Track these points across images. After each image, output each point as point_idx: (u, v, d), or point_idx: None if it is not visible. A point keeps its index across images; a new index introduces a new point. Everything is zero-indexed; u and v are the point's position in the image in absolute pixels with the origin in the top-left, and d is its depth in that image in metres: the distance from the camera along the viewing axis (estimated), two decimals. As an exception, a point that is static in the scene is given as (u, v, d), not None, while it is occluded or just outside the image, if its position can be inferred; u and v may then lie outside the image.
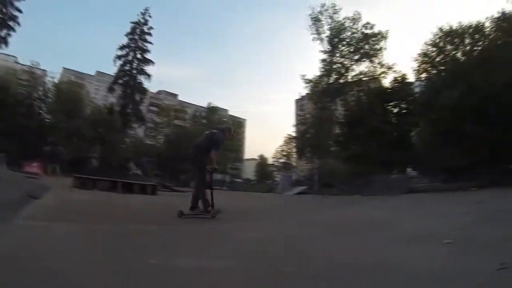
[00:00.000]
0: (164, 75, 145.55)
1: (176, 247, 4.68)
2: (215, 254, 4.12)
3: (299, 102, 42.19)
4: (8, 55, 52.84)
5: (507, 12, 24.53)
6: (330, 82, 35.95)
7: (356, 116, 31.36)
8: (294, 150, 37.71)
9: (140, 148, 55.55)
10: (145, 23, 49.11)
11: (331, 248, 4.79)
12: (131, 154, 51.07)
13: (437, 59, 26.69)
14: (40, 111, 44.13)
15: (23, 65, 46.29)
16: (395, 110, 32.11)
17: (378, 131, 29.06)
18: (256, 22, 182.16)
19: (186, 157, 45.86)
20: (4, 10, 38.33)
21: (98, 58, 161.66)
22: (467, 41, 25.42)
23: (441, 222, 7.12)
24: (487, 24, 24.98)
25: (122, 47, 48.11)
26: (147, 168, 50.51)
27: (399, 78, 32.36)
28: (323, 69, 36.44)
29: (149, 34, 49.24)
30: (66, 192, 14.01)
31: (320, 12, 36.66)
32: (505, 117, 20.18)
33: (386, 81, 34.42)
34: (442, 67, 26.25)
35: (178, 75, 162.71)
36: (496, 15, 24.86)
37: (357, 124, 30.56)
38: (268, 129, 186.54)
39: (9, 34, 38.61)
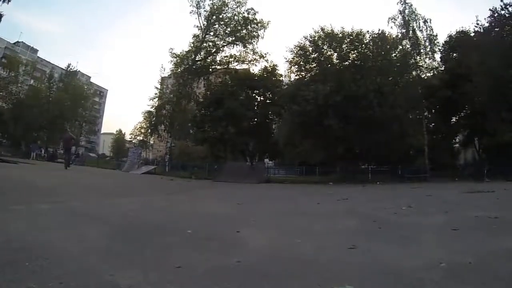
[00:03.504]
0: (26, 27, 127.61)
1: None
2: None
3: (166, 80, 39.31)
4: None
5: (384, 32, 26.95)
6: (197, 59, 33.75)
7: (217, 98, 30.18)
8: (147, 126, 34.68)
9: None
10: None
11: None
12: None
13: (312, 56, 26.82)
14: None
15: None
16: (259, 99, 31.78)
17: (237, 116, 28.20)
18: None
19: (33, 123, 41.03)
20: None
21: None
22: (344, 46, 26.03)
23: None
24: (367, 36, 26.25)
25: None
26: None
27: (269, 68, 31.82)
28: (192, 45, 34.08)
29: None
30: None
31: (206, -15, 34.37)
32: (363, 118, 21.90)
33: (256, 69, 33.59)
34: (315, 64, 26.58)
35: (42, 29, 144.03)
36: (376, 32, 26.59)
37: (217, 106, 29.48)
38: (131, 104, 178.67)
39: None
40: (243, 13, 33.21)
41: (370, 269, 3.19)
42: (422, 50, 27.74)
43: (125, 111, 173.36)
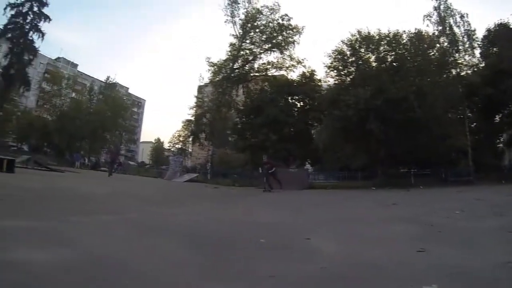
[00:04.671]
0: (66, 43, 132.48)
1: None
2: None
3: (202, 89, 39.97)
4: None
5: (421, 31, 26.48)
6: (235, 68, 34.25)
7: (257, 105, 30.40)
8: (189, 135, 35.37)
9: (24, 118, 48.76)
10: (47, -28, 42.55)
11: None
12: (14, 126, 45.40)
13: (350, 60, 26.60)
14: None
15: None
16: (299, 104, 31.77)
17: (278, 122, 28.30)
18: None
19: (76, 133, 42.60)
20: None
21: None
22: (381, 48, 25.76)
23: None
24: (403, 36, 25.82)
25: None
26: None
27: (307, 74, 31.74)
28: (230, 54, 34.38)
29: None
30: None
31: (239, -6, 35.02)
32: (404, 121, 21.54)
33: (294, 75, 33.40)
34: (353, 68, 26.40)
35: (81, 44, 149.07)
36: (413, 31, 26.12)
37: (257, 114, 29.66)
38: (168, 113, 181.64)
39: None
40: (278, 19, 33.39)
41: (444, 270, 3.37)
42: (460, 47, 26.80)
43: (163, 120, 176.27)
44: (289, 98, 31.26)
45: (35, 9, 41.09)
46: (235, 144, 34.02)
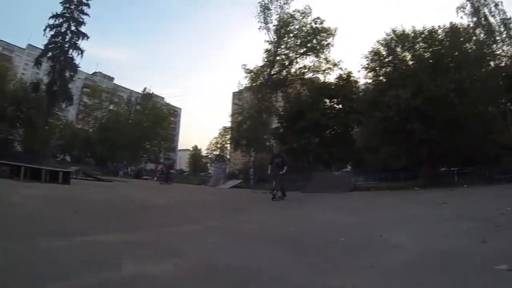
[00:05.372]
0: (101, 58, 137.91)
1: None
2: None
3: (238, 95, 40.77)
4: None
5: (457, 24, 26.18)
6: (272, 73, 34.91)
7: (297, 110, 30.78)
8: (230, 141, 36.13)
9: (67, 131, 52.06)
10: (83, -7, 44.85)
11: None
12: (57, 138, 48.32)
13: (386, 60, 26.58)
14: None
15: None
16: (338, 107, 32.05)
17: (319, 126, 28.74)
18: (199, 9, 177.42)
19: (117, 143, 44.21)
20: None
21: (31, 31, 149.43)
22: (417, 46, 25.51)
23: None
24: (439, 31, 25.40)
25: (55, 16, 43.28)
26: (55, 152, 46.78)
27: (344, 76, 32.18)
28: (266, 60, 35.47)
29: (87, 5, 44.91)
30: None
31: (271, 1, 35.84)
32: (446, 121, 21.32)
33: (331, 77, 34.27)
34: (390, 68, 26.29)
35: (115, 59, 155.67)
36: (448, 26, 25.69)
37: (298, 118, 29.99)
38: (204, 120, 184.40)
39: None
40: (310, 23, 34.38)
41: (509, 254, 3.70)
42: (497, 37, 26.57)
43: (199, 128, 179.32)
44: (328, 101, 31.74)
45: (73, 28, 43.74)
46: (279, 149, 34.05)
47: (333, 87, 32.22)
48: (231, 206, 12.62)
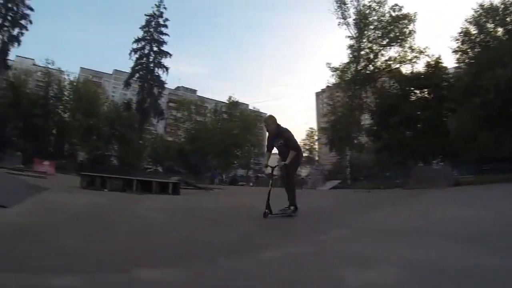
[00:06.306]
0: (181, 73, 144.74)
1: None
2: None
3: (320, 95, 40.11)
4: (25, 57, 53.73)
5: None
6: (359, 69, 33.83)
7: (388, 104, 29.52)
8: (325, 142, 35.60)
9: (160, 144, 55.18)
10: (160, 15, 47.61)
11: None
12: (149, 151, 51.62)
13: (477, 39, 24.86)
14: (57, 110, 42.80)
15: (40, 66, 45.60)
16: (430, 97, 29.86)
17: (412, 119, 27.60)
18: (274, 14, 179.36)
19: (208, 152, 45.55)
20: (15, 8, 38.13)
21: (116, 57, 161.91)
22: (508, 18, 23.52)
23: None
24: None
25: (137, 40, 46.53)
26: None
27: (432, 63, 30.19)
28: (351, 56, 34.47)
29: (165, 26, 47.77)
30: (64, 194, 10.46)
31: (346, -5, 34.95)
32: None
33: (419, 66, 32.06)
34: (482, 47, 24.36)
35: (195, 72, 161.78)
36: None
37: (390, 113, 28.65)
38: (288, 123, 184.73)
39: (21, 33, 38.65)
40: (389, 11, 33.11)
41: None
42: None
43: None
44: (419, 91, 30.07)
45: (155, 49, 47.01)
46: (374, 145, 33.66)
47: (422, 76, 30.22)
48: (358, 207, 11.03)
